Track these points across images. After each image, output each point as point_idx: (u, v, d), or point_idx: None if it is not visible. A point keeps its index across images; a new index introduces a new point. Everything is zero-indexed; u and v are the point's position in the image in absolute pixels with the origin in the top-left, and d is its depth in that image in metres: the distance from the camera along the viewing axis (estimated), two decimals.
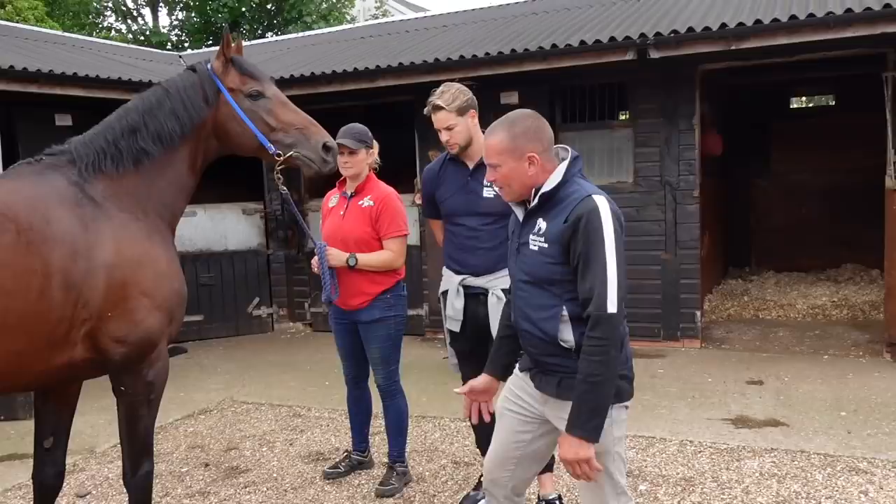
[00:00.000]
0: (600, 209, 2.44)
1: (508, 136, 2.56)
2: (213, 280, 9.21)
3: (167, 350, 3.35)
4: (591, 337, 2.40)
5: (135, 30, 22.72)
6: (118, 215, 3.17)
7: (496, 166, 2.60)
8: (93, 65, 8.94)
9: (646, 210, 7.79)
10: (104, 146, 3.26)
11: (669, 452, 4.86)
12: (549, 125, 2.67)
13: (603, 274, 2.39)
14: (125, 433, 3.31)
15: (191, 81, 3.48)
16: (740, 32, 6.63)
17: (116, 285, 3.07)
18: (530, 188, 2.60)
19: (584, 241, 2.42)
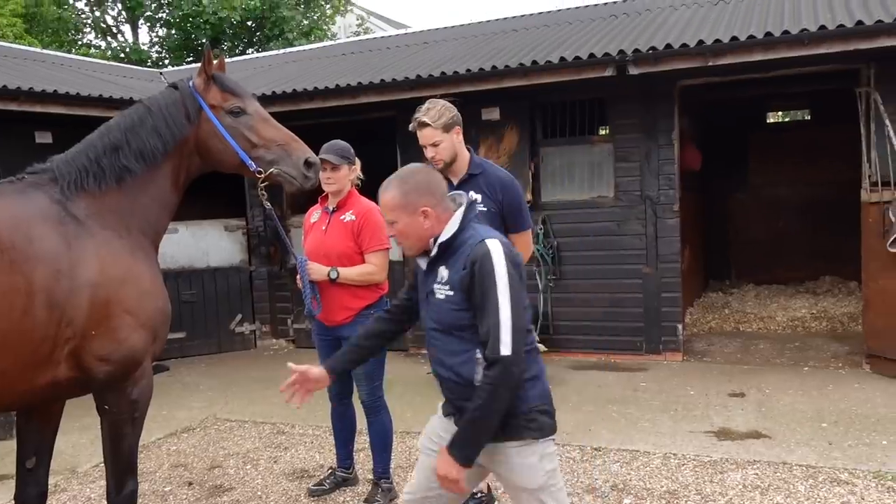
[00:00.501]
0: (492, 253, 2.50)
1: (400, 193, 2.62)
2: (195, 297, 9.16)
3: (151, 368, 3.33)
4: (485, 375, 2.47)
5: (115, 47, 22.61)
6: (101, 233, 3.16)
7: (392, 222, 2.66)
8: (73, 82, 8.91)
9: (626, 224, 7.86)
10: (86, 164, 3.26)
11: (653, 466, 4.89)
12: (441, 177, 2.75)
13: (496, 316, 2.44)
14: (109, 452, 3.28)
15: (172, 99, 3.49)
16: (717, 49, 6.74)
17: (100, 303, 3.06)
18: (428, 240, 2.65)
19: (479, 285, 2.48)
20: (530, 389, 2.58)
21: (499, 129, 8.17)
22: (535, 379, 2.61)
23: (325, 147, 4.34)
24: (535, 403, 2.59)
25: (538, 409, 2.59)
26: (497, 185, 3.91)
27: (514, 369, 2.44)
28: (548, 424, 2.63)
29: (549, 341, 7.81)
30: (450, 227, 2.61)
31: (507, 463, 2.61)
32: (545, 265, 8.02)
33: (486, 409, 2.44)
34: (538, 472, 2.59)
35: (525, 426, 2.57)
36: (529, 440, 2.58)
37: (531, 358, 2.61)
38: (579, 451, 5.20)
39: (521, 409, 2.56)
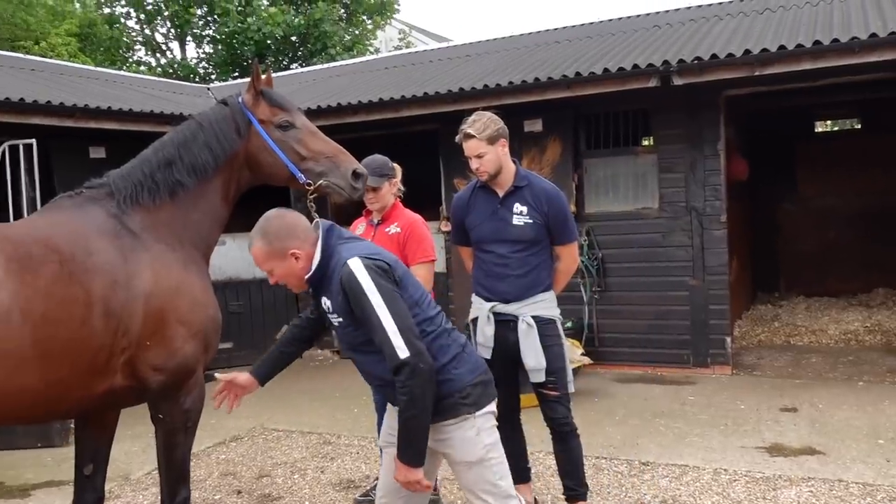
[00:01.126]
0: (355, 271, 2.60)
1: (265, 243, 2.71)
2: (242, 308, 9.30)
3: (203, 378, 3.40)
4: (397, 380, 2.57)
5: (164, 63, 23.19)
6: (155, 246, 3.25)
7: (270, 272, 2.76)
8: (125, 98, 9.16)
9: (672, 236, 7.77)
10: (141, 179, 3.36)
11: (703, 481, 4.81)
12: (297, 216, 2.78)
13: (381, 329, 2.55)
14: (163, 460, 3.36)
15: (223, 114, 3.58)
16: (764, 58, 6.65)
17: (154, 314, 3.15)
18: (302, 279, 2.76)
19: (356, 305, 2.60)
20: (456, 368, 2.70)
21: (542, 141, 8.16)
22: (458, 357, 2.72)
23: (363, 167, 4.36)
24: (467, 380, 2.71)
25: (471, 384, 2.71)
26: (542, 196, 3.92)
27: (420, 365, 2.53)
28: (482, 396, 2.74)
29: (595, 353, 7.74)
30: (314, 262, 2.71)
31: (448, 440, 2.73)
32: (590, 277, 7.97)
33: (412, 411, 2.55)
34: (477, 445, 2.71)
35: (460, 403, 2.69)
36: (465, 415, 2.70)
37: (446, 339, 2.72)
38: (627, 466, 5.15)
39: (455, 388, 2.69)
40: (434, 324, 2.73)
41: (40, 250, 2.98)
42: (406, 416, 2.57)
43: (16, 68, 9.98)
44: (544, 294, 3.96)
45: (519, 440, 4.25)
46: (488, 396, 2.78)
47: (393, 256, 2.79)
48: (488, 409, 2.77)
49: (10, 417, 3.12)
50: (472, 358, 2.78)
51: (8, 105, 6.87)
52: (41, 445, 6.05)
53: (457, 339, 2.78)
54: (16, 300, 2.83)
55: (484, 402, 2.75)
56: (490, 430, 2.76)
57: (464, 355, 2.75)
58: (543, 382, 3.89)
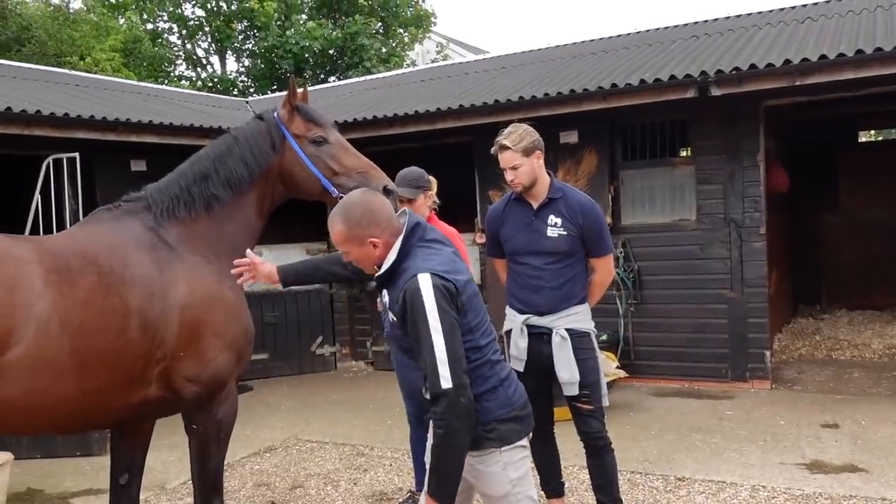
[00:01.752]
0: (422, 288, 2.50)
1: (346, 227, 2.65)
2: (277, 319, 9.39)
3: (236, 389, 3.44)
4: (433, 411, 2.49)
5: (204, 77, 23.63)
6: (191, 258, 3.31)
7: (346, 253, 2.73)
8: (166, 112, 9.34)
9: (710, 248, 7.66)
10: (178, 192, 3.42)
11: (741, 498, 4.71)
12: (383, 202, 2.72)
13: (431, 354, 2.47)
14: (196, 471, 3.40)
15: (258, 129, 3.64)
16: (805, 68, 6.54)
17: (189, 325, 3.20)
18: (377, 267, 2.71)
19: (412, 322, 2.53)
20: (488, 402, 2.61)
21: (577, 153, 8.12)
22: (494, 391, 2.63)
23: (398, 180, 4.38)
24: (496, 414, 2.62)
25: (498, 419, 2.62)
26: (577, 209, 3.89)
27: (461, 399, 2.46)
28: (511, 432, 2.65)
29: (630, 367, 7.65)
30: (388, 257, 2.65)
31: (473, 471, 2.67)
32: (626, 289, 7.89)
33: (445, 447, 2.48)
34: (502, 479, 2.64)
35: (484, 437, 2.61)
36: (490, 450, 2.62)
37: (487, 371, 2.63)
38: (662, 481, 5.07)
39: (480, 421, 2.60)
40: (480, 352, 2.63)
41: (79, 262, 3.04)
42: (440, 450, 2.50)
43: (61, 83, 10.25)
44: (578, 307, 3.93)
45: (552, 454, 4.22)
46: (519, 433, 2.68)
47: (467, 275, 2.70)
48: (518, 444, 2.68)
49: (48, 427, 3.18)
50: (508, 392, 2.67)
51: (52, 120, 7.05)
52: (80, 454, 6.16)
53: (499, 371, 2.68)
54: (55, 311, 2.89)
55: (513, 438, 2.66)
56: (518, 465, 2.68)
57: (499, 389, 2.65)
58: (577, 396, 3.85)
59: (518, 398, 2.70)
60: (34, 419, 2.99)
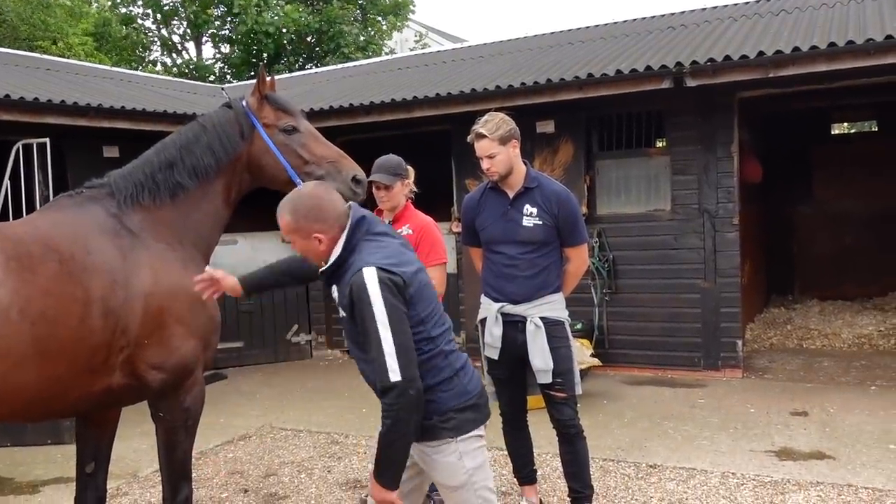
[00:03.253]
0: (367, 283, 2.51)
1: (292, 219, 2.64)
2: (252, 307, 9.34)
3: (203, 376, 3.41)
4: (383, 402, 2.49)
5: (180, 63, 23.34)
6: (154, 245, 3.27)
7: (292, 242, 2.71)
8: (139, 98, 9.22)
9: (684, 238, 7.73)
10: (142, 179, 3.38)
11: (711, 485, 4.78)
12: (335, 198, 2.69)
13: (379, 347, 2.47)
14: (164, 459, 3.37)
15: (226, 117, 3.61)
16: (778, 60, 6.60)
17: (153, 313, 3.16)
18: (324, 258, 2.70)
19: (359, 317, 2.53)
20: (443, 392, 2.62)
21: (554, 142, 8.14)
22: (449, 381, 2.63)
23: (376, 166, 4.37)
24: (451, 405, 2.62)
25: (454, 409, 2.63)
26: (553, 198, 3.91)
27: (409, 392, 2.46)
28: (466, 421, 2.65)
29: (605, 356, 7.71)
30: (333, 253, 2.65)
31: (430, 462, 2.69)
32: (600, 279, 7.94)
33: (392, 435, 2.49)
34: (458, 469, 2.65)
35: (440, 427, 2.62)
36: (446, 439, 2.63)
37: (441, 361, 2.63)
38: (634, 468, 5.12)
39: (436, 411, 2.61)
40: (433, 343, 2.63)
41: (40, 249, 2.99)
42: (387, 440, 2.51)
43: (31, 68, 10.08)
44: (553, 295, 3.96)
45: (525, 441, 4.25)
46: (475, 422, 2.68)
47: (415, 266, 2.69)
48: (473, 433, 2.68)
49: (8, 414, 3.12)
50: (463, 381, 2.67)
51: (22, 104, 6.93)
52: (51, 442, 6.10)
53: (453, 362, 2.68)
54: (15, 298, 2.84)
55: (468, 427, 2.66)
56: (474, 454, 2.68)
57: (455, 379, 2.65)
58: (550, 384, 3.88)
59: (474, 387, 2.70)
60: None
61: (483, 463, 2.71)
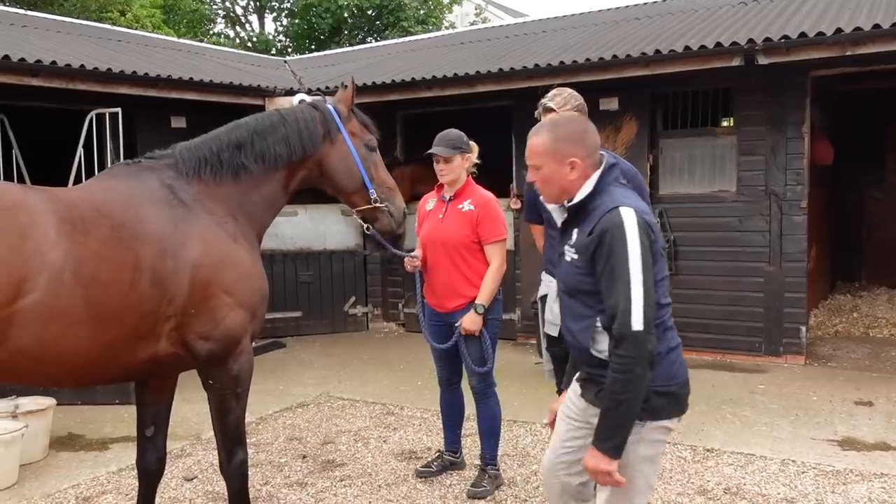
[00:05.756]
0: (625, 222, 2.38)
1: (551, 139, 2.54)
2: (311, 278, 9.50)
3: (250, 346, 3.45)
4: (616, 354, 2.35)
5: (243, 36, 23.64)
6: (206, 217, 3.32)
7: (537, 167, 2.59)
8: (206, 69, 9.38)
9: (749, 220, 7.55)
10: (207, 155, 3.45)
11: (770, 471, 4.70)
12: (595, 132, 2.60)
13: (627, 291, 2.33)
14: (217, 425, 3.45)
15: (311, 115, 3.73)
16: (857, 37, 6.33)
17: (200, 284, 3.21)
18: (567, 193, 2.57)
19: (608, 256, 2.38)
20: (656, 366, 2.42)
21: (617, 120, 8.00)
22: (662, 358, 2.44)
23: (437, 139, 4.39)
24: (655, 384, 2.42)
25: (656, 391, 2.43)
26: None
27: (647, 345, 2.32)
28: (661, 408, 2.46)
29: None
30: (584, 188, 2.52)
31: None
32: None
33: (623, 392, 2.32)
34: (630, 453, 2.43)
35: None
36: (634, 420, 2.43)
37: (660, 334, 2.45)
38: (691, 451, 5.07)
39: None
40: (660, 311, 2.47)
41: (93, 214, 3.03)
42: (616, 399, 2.32)
43: (103, 39, 10.33)
44: None
45: None
46: (668, 411, 2.49)
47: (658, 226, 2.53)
48: (663, 422, 2.50)
49: (62, 378, 3.20)
50: (673, 364, 2.50)
51: (96, 74, 7.13)
52: (119, 402, 6.33)
53: (669, 339, 2.52)
54: (68, 260, 2.89)
55: (661, 414, 2.47)
56: (653, 444, 2.50)
57: (667, 358, 2.47)
58: None
59: (681, 374, 2.54)
60: (47, 368, 3.00)
61: (656, 457, 2.55)
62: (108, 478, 4.90)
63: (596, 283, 2.45)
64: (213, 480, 4.77)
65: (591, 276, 2.46)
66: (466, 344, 4.37)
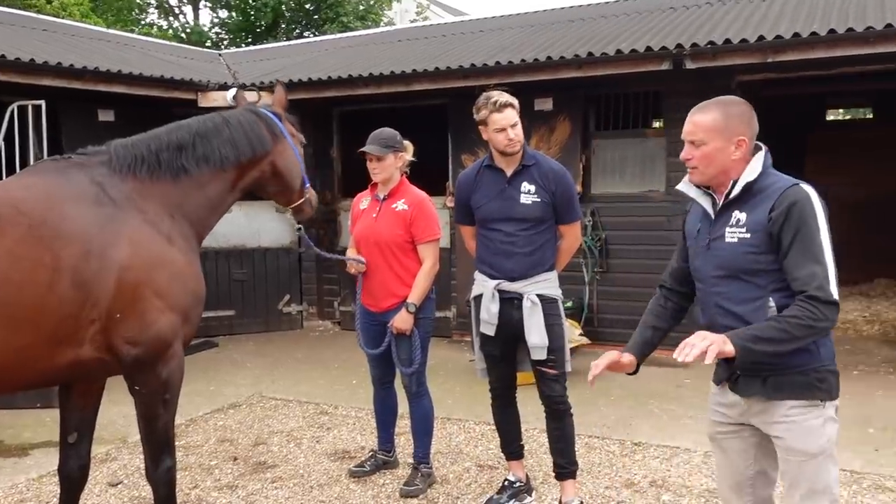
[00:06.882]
0: (812, 197, 2.40)
1: (723, 116, 2.51)
2: (245, 276, 9.37)
3: (181, 350, 3.34)
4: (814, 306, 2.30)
5: (176, 27, 23.09)
6: (138, 216, 3.19)
7: (700, 144, 2.53)
8: (136, 62, 9.14)
9: (676, 220, 7.70)
10: (145, 153, 3.33)
11: (694, 463, 4.86)
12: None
13: (823, 262, 2.34)
14: (144, 431, 3.34)
15: (252, 119, 3.71)
16: (778, 45, 6.59)
17: (129, 286, 3.08)
18: (725, 174, 2.53)
19: (798, 227, 2.36)
20: (823, 346, 2.44)
21: (551, 120, 8.13)
22: (827, 336, 2.45)
23: (370, 138, 4.40)
24: (826, 363, 2.45)
25: (828, 369, 2.45)
26: (550, 176, 3.94)
27: (835, 317, 2.32)
28: (835, 387, 2.48)
29: (594, 334, 7.77)
30: (755, 167, 2.50)
31: (788, 423, 2.45)
32: (592, 257, 7.99)
33: (798, 334, 2.29)
34: (821, 436, 2.43)
35: (815, 385, 2.43)
36: (816, 401, 2.43)
37: None
38: (619, 445, 5.20)
39: (812, 366, 2.43)
40: None
41: (9, 211, 2.90)
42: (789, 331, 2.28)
43: (28, 28, 9.97)
44: (548, 273, 4.00)
45: (514, 417, 4.31)
46: (838, 390, 2.48)
47: None
48: (836, 402, 2.49)
49: None
50: (833, 346, 2.51)
51: (18, 65, 6.88)
52: (41, 406, 6.12)
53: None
54: None
55: (835, 393, 2.47)
56: (833, 421, 2.47)
57: (830, 338, 2.48)
58: (544, 360, 3.93)
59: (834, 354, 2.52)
60: None
61: (835, 434, 2.51)
62: (27, 485, 4.75)
63: (773, 261, 2.42)
64: (138, 485, 4.66)
65: (769, 255, 2.43)
66: (397, 343, 4.39)
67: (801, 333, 2.31)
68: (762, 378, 2.47)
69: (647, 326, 2.89)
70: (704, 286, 2.65)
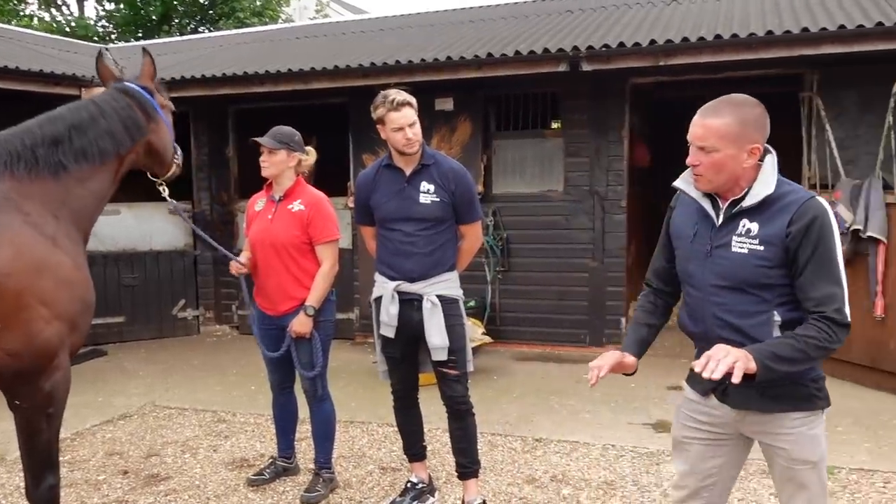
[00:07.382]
0: (830, 213, 2.32)
1: (737, 121, 2.33)
2: (136, 280, 8.96)
3: (68, 361, 3.13)
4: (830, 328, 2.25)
5: (59, 20, 21.89)
6: (18, 217, 2.95)
7: (711, 151, 2.36)
8: (13, 55, 8.59)
9: (575, 218, 7.94)
10: (20, 149, 3.06)
11: (592, 457, 4.97)
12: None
13: (841, 282, 2.29)
14: (24, 448, 3.12)
15: (127, 103, 3.48)
16: (668, 49, 6.83)
17: (11, 294, 2.86)
18: (735, 182, 2.40)
19: (815, 246, 2.27)
20: None
21: (452, 120, 8.15)
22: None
23: (269, 132, 4.29)
24: (819, 372, 2.44)
25: (821, 376, 2.45)
26: (450, 175, 3.92)
27: (844, 339, 2.29)
28: (827, 394, 2.48)
29: (496, 332, 7.85)
30: (769, 179, 2.36)
31: (790, 434, 2.42)
32: (494, 257, 8.06)
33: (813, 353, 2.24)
34: (821, 444, 2.44)
35: (815, 395, 2.42)
36: (817, 411, 2.43)
37: None
38: (521, 442, 5.25)
39: (809, 376, 2.40)
40: None
41: None
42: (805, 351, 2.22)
43: None
44: (449, 273, 3.98)
45: (416, 419, 4.28)
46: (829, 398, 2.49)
47: None
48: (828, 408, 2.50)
49: None
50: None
51: None
52: None
53: None
54: None
55: (828, 402, 2.47)
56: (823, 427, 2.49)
57: None
58: (445, 361, 3.91)
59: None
60: None
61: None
62: None
63: (784, 275, 2.33)
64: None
65: (781, 269, 2.33)
66: (297, 347, 4.28)
67: (816, 354, 2.27)
68: (758, 390, 2.38)
69: (640, 324, 2.78)
70: (700, 293, 2.50)
